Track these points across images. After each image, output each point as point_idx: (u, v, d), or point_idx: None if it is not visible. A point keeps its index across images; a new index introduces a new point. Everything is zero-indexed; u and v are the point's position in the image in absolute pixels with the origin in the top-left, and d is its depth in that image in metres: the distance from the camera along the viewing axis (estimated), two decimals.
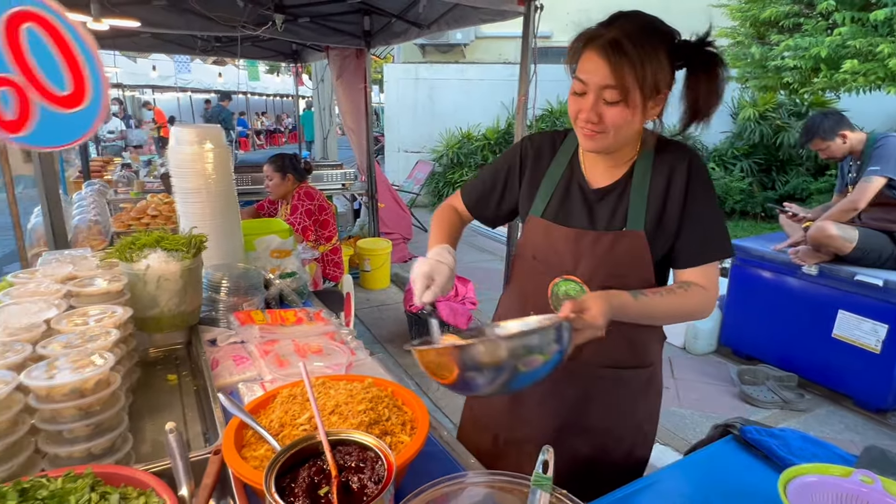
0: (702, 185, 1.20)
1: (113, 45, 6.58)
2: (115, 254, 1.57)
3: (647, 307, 1.14)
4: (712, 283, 1.22)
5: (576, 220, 1.26)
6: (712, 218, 1.21)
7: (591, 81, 1.10)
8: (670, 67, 1.12)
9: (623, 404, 1.36)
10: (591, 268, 1.23)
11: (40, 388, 0.95)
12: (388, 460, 0.79)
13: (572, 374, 1.30)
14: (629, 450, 1.40)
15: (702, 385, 3.66)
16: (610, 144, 1.17)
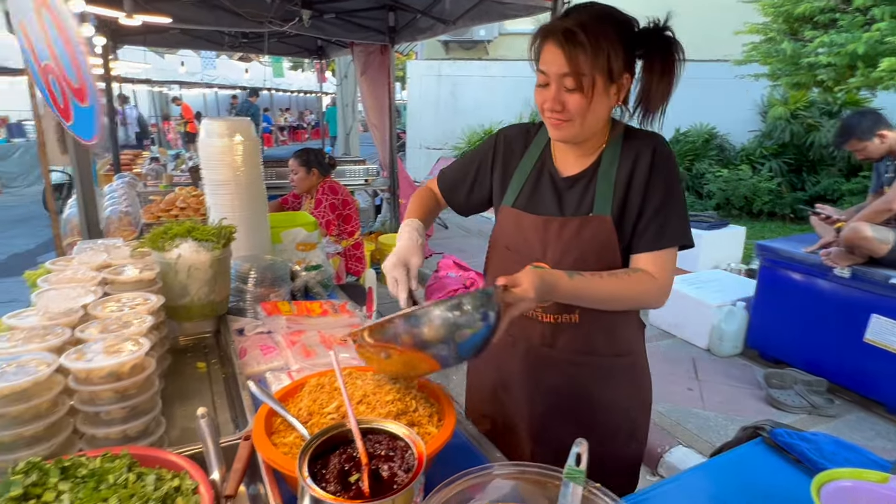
0: (664, 171, 1.22)
1: (143, 42, 6.72)
2: (148, 243, 1.60)
3: (581, 287, 1.15)
4: (663, 272, 1.21)
5: (545, 207, 1.29)
6: (671, 205, 1.21)
7: (551, 71, 1.14)
8: (627, 53, 1.15)
9: (604, 393, 1.35)
10: (558, 254, 1.25)
11: (80, 370, 0.97)
12: (418, 450, 0.80)
13: (549, 362, 1.34)
14: (622, 442, 1.39)
15: (727, 387, 3.60)
16: (577, 133, 1.20)
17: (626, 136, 1.26)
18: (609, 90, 1.16)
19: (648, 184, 1.21)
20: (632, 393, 1.39)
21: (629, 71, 1.17)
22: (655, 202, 1.21)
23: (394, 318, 0.98)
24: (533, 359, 1.36)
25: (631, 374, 1.38)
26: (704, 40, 10.96)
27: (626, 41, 1.15)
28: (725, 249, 5.30)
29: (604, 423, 1.36)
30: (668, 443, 2.94)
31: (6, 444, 0.92)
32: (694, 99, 9.08)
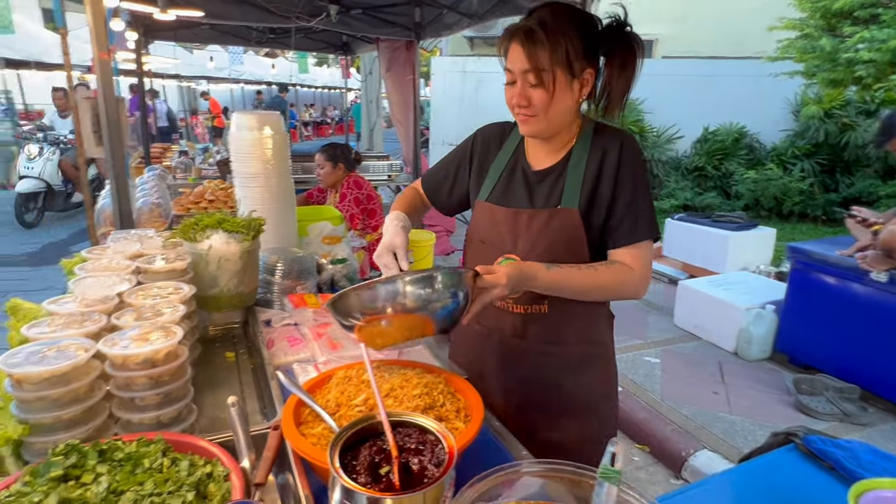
0: (632, 166, 1.26)
1: (174, 37, 6.85)
2: (180, 234, 1.63)
3: (560, 278, 1.19)
4: (640, 264, 1.25)
5: (516, 201, 1.34)
6: (641, 199, 1.26)
7: (515, 68, 1.21)
8: (588, 49, 1.20)
9: (573, 383, 1.39)
10: (528, 245, 1.30)
11: (116, 356, 1.00)
12: (448, 444, 0.79)
13: (520, 352, 1.39)
14: (591, 430, 1.42)
15: (754, 392, 3.52)
16: (544, 127, 1.26)
17: (595, 132, 1.31)
18: (571, 85, 1.21)
19: (617, 179, 1.25)
20: (600, 382, 1.43)
21: (591, 66, 1.23)
22: (626, 197, 1.25)
23: (373, 282, 1.06)
24: (505, 349, 1.41)
25: (598, 364, 1.42)
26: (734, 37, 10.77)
27: (586, 38, 1.20)
28: (754, 251, 5.18)
29: (573, 413, 1.40)
30: (692, 446, 2.89)
31: (46, 426, 0.94)
32: (722, 97, 8.90)
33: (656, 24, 11.52)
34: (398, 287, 1.05)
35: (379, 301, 1.06)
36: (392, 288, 1.05)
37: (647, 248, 1.27)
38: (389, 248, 1.28)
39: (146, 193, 3.11)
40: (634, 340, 4.19)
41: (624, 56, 1.23)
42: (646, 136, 8.82)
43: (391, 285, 1.05)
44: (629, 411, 3.25)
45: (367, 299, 1.07)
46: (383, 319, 1.07)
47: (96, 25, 2.10)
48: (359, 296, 1.08)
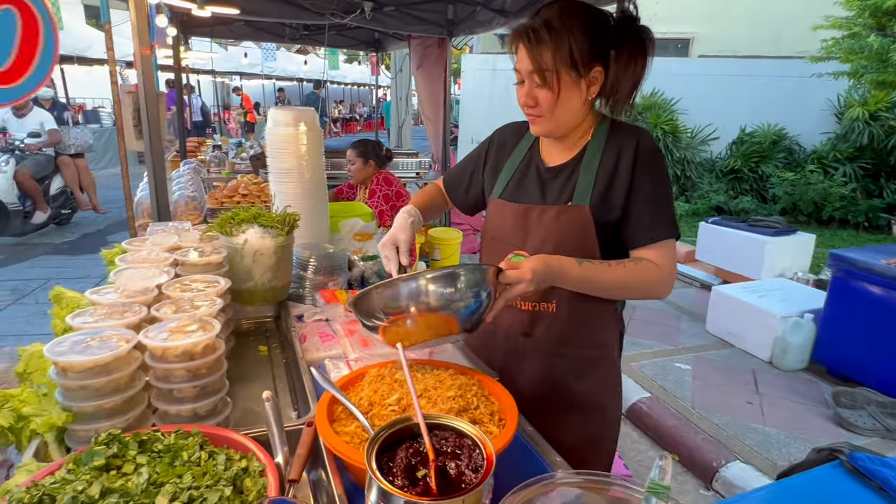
0: (649, 164, 1.23)
1: (210, 33, 6.99)
2: (216, 227, 1.65)
3: (590, 274, 1.18)
4: (666, 262, 1.23)
5: (528, 197, 1.34)
6: (660, 197, 1.24)
7: (522, 69, 1.21)
8: (596, 47, 1.17)
9: (578, 386, 1.38)
10: (538, 241, 1.29)
11: (156, 347, 1.01)
12: (487, 450, 0.78)
13: (527, 351, 1.39)
14: (594, 433, 1.43)
15: (790, 403, 3.40)
16: (552, 127, 1.26)
17: (611, 129, 1.29)
18: (579, 84, 1.20)
19: (633, 178, 1.23)
20: (605, 384, 1.42)
21: (600, 64, 1.20)
22: (643, 196, 1.23)
23: (394, 280, 1.06)
24: (512, 347, 1.42)
25: (604, 367, 1.40)
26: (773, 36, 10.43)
27: (594, 35, 1.17)
28: (792, 257, 5.01)
29: (579, 413, 1.39)
30: (724, 457, 2.81)
31: (88, 414, 0.96)
32: (760, 97, 8.64)
33: (692, 22, 11.25)
34: (420, 285, 1.04)
35: (401, 299, 1.05)
36: (413, 286, 1.04)
37: (671, 247, 1.25)
38: (393, 241, 1.32)
39: (182, 187, 3.17)
40: (665, 346, 4.10)
41: (632, 51, 1.20)
42: (679, 137, 8.63)
43: (412, 283, 1.04)
44: (658, 418, 3.18)
45: (389, 297, 1.07)
46: (406, 319, 1.06)
47: (139, 21, 2.14)
48: (380, 294, 1.08)
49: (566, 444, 1.32)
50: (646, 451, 3.04)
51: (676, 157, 8.46)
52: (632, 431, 3.21)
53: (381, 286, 1.08)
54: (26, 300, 4.89)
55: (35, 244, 6.55)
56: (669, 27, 11.25)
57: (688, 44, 11.60)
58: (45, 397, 1.03)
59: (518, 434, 1.21)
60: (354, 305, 1.12)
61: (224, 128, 15.69)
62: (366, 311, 1.11)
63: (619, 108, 1.27)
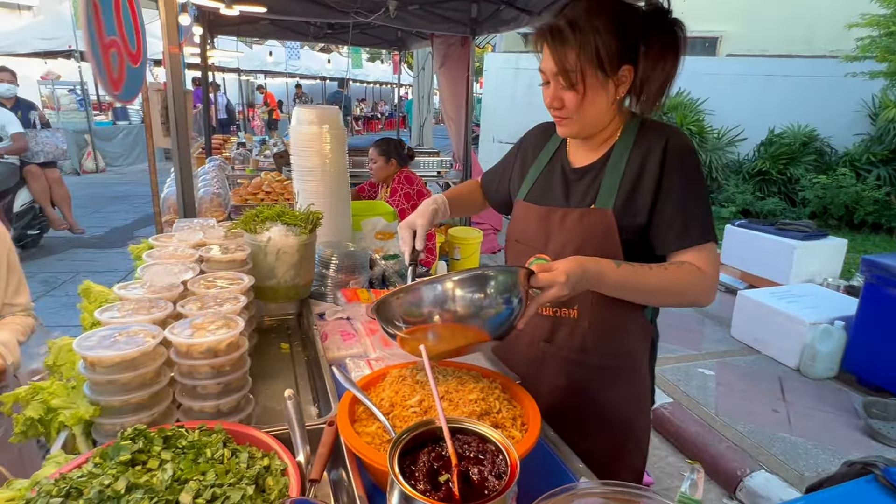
0: (680, 163, 1.17)
1: (236, 32, 7.08)
2: (241, 225, 1.66)
3: (629, 277, 1.10)
4: (710, 266, 1.16)
5: (552, 199, 1.30)
6: (694, 198, 1.17)
7: (547, 70, 1.16)
8: (625, 44, 1.12)
9: (602, 397, 1.33)
10: (559, 245, 1.25)
11: (181, 343, 1.02)
12: (511, 457, 0.76)
13: (548, 359, 1.35)
14: (620, 446, 1.36)
15: (818, 413, 3.31)
16: (579, 129, 1.21)
17: (640, 129, 1.23)
18: (606, 84, 1.14)
19: (661, 179, 1.17)
20: (631, 396, 1.36)
21: (629, 63, 1.14)
22: (674, 198, 1.16)
23: (416, 284, 1.01)
24: (533, 354, 1.38)
25: (630, 377, 1.34)
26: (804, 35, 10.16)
27: (622, 32, 1.11)
28: (822, 262, 4.87)
29: (601, 423, 1.34)
30: (748, 466, 2.74)
31: (115, 408, 0.97)
32: (790, 98, 8.42)
33: (721, 21, 11.02)
34: (445, 289, 0.97)
35: (423, 306, 0.99)
36: (438, 291, 0.98)
37: (711, 251, 1.18)
38: (410, 225, 1.31)
39: (207, 183, 3.22)
40: (688, 351, 4.02)
41: (663, 47, 1.14)
42: (705, 138, 8.47)
43: (436, 288, 0.98)
44: (680, 424, 3.12)
45: (410, 303, 1.01)
46: (428, 329, 1.01)
47: (168, 20, 2.17)
48: (400, 301, 1.02)
49: (591, 454, 1.29)
50: (666, 457, 2.99)
51: (702, 159, 8.28)
52: (653, 437, 3.14)
53: (402, 291, 1.02)
54: (56, 292, 5.02)
55: (66, 238, 6.73)
56: (697, 25, 11.03)
57: (715, 42, 11.37)
58: (73, 390, 1.05)
59: (541, 439, 1.19)
60: (377, 312, 1.08)
61: (248, 125, 15.92)
62: (387, 318, 1.07)
63: (648, 107, 1.21)
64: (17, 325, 1.58)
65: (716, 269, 1.18)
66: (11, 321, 1.57)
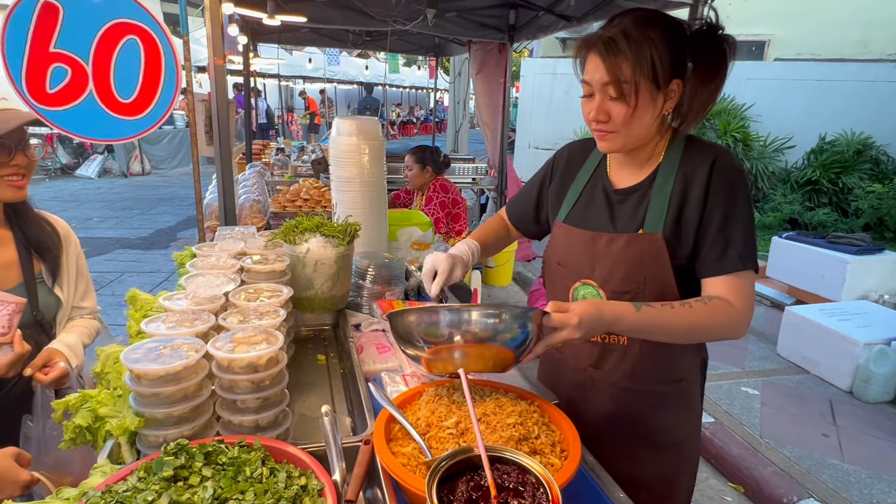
0: (725, 186, 1.13)
1: (277, 40, 7.25)
2: (280, 235, 1.69)
3: (651, 319, 1.07)
4: (741, 298, 1.12)
5: (597, 222, 1.26)
6: (737, 223, 1.13)
7: (594, 81, 1.12)
8: (675, 58, 1.10)
9: (654, 424, 1.30)
10: (606, 271, 1.22)
11: (222, 358, 1.03)
12: (553, 492, 0.74)
13: (596, 385, 1.32)
14: (672, 471, 1.33)
15: (872, 439, 3.12)
16: (623, 143, 1.17)
17: (686, 148, 1.20)
18: (656, 98, 1.12)
19: (706, 202, 1.14)
20: (682, 420, 1.32)
21: (680, 77, 1.12)
22: (718, 223, 1.13)
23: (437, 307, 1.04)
24: (580, 380, 1.35)
25: (682, 401, 1.31)
26: (858, 38, 9.70)
27: (674, 46, 1.09)
28: (877, 278, 4.61)
29: (652, 449, 1.31)
30: (795, 493, 2.61)
31: (159, 420, 0.99)
32: (843, 104, 8.06)
33: (769, 24, 10.63)
34: (458, 318, 1.01)
35: (439, 328, 1.02)
36: (451, 318, 1.01)
37: (749, 280, 1.13)
38: (431, 270, 1.30)
39: (248, 190, 3.30)
40: (731, 368, 3.87)
41: (713, 64, 1.12)
42: (750, 145, 8.17)
43: (450, 316, 1.01)
44: (722, 445, 3.00)
45: (418, 324, 1.05)
46: (436, 352, 1.04)
47: (214, 33, 2.23)
48: (405, 320, 1.06)
49: (640, 481, 1.25)
50: (707, 479, 2.88)
51: (747, 167, 8.01)
52: None
53: (411, 312, 1.06)
54: (103, 292, 5.23)
55: (112, 238, 7.01)
56: (743, 29, 10.68)
57: (763, 46, 10.98)
58: (119, 399, 1.07)
59: (580, 466, 1.16)
60: (393, 332, 1.12)
61: (287, 129, 16.29)
62: (402, 335, 1.10)
63: (690, 124, 1.18)
64: (84, 327, 1.64)
65: (750, 301, 1.14)
66: (79, 324, 1.64)
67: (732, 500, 2.72)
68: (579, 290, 1.28)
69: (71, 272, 1.61)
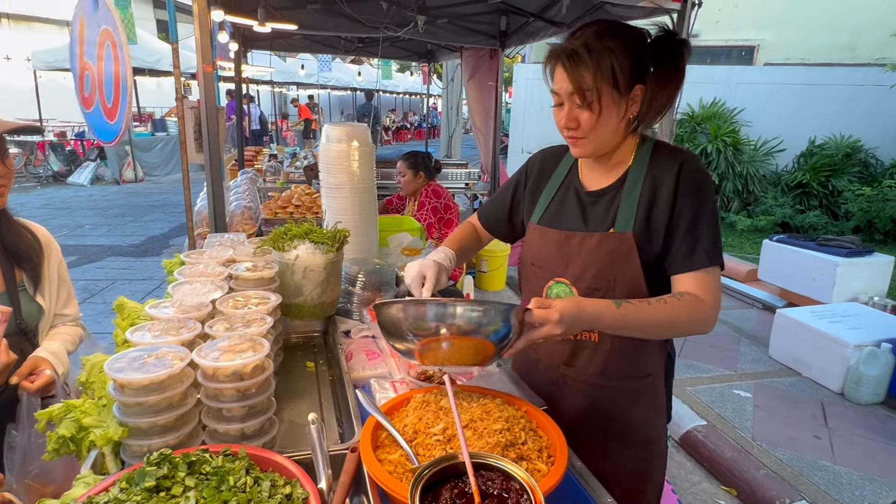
0: (692, 188, 1.19)
1: (270, 46, 7.26)
2: (269, 242, 1.68)
3: (630, 315, 1.11)
4: (709, 293, 1.17)
5: (569, 223, 1.31)
6: (703, 222, 1.19)
7: (561, 90, 1.18)
8: (634, 65, 1.16)
9: (623, 418, 1.34)
10: (579, 269, 1.27)
11: (208, 366, 1.02)
12: (535, 497, 0.74)
13: (569, 382, 1.36)
14: (646, 466, 1.37)
15: (864, 441, 3.14)
16: (594, 148, 1.23)
17: (654, 151, 1.25)
18: (619, 104, 1.18)
19: (674, 203, 1.19)
20: (652, 414, 1.37)
21: (642, 82, 1.18)
22: (685, 222, 1.19)
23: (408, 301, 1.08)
24: (553, 378, 1.39)
25: (650, 397, 1.36)
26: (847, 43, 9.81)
27: (633, 54, 1.16)
28: (867, 280, 4.65)
29: (626, 445, 1.35)
30: (788, 496, 2.62)
31: (143, 430, 0.98)
32: (832, 108, 8.14)
33: (758, 29, 10.74)
34: (443, 311, 1.03)
35: (424, 321, 1.05)
36: (437, 311, 1.03)
37: (715, 276, 1.19)
38: (419, 275, 1.31)
39: (239, 197, 3.29)
40: (723, 371, 3.88)
41: (672, 68, 1.19)
42: (741, 149, 8.24)
43: (434, 308, 1.04)
44: (715, 448, 3.00)
45: (406, 318, 1.06)
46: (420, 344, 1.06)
47: (202, 40, 2.23)
48: (387, 311, 1.08)
49: (613, 476, 1.26)
50: (700, 482, 2.88)
51: (738, 171, 8.07)
52: (686, 461, 3.05)
53: (398, 303, 1.08)
54: (94, 299, 5.19)
55: (104, 246, 6.97)
56: (733, 34, 10.80)
57: (752, 51, 11.09)
58: (104, 408, 1.06)
59: (567, 471, 1.16)
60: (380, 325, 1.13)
61: (280, 136, 16.30)
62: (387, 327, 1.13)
63: (648, 122, 1.25)
64: (67, 335, 1.63)
65: (717, 296, 1.19)
66: (62, 331, 1.63)
67: (725, 503, 2.73)
68: (553, 288, 1.32)
69: (53, 280, 1.60)
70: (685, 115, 8.78)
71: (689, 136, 8.32)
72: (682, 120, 8.70)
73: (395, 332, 1.09)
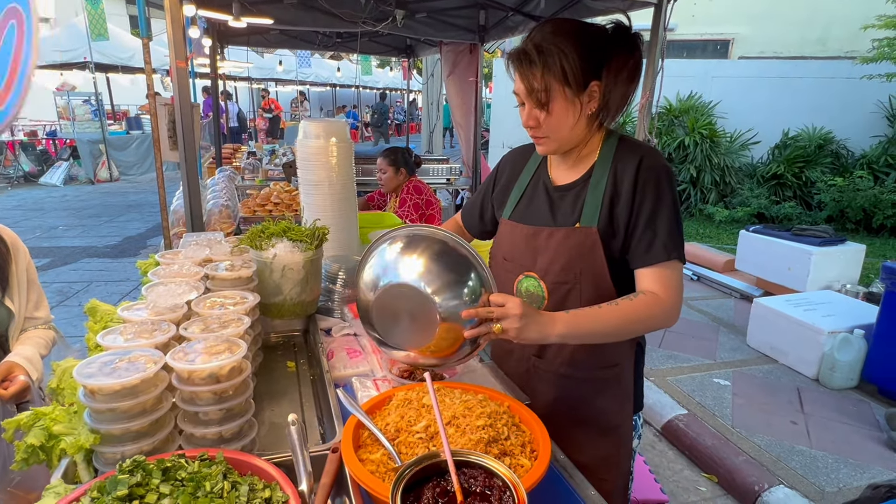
0: (652, 183, 1.21)
1: (246, 42, 7.13)
2: (247, 241, 1.65)
3: (578, 321, 1.13)
4: (668, 287, 1.19)
5: (538, 218, 1.33)
6: (661, 217, 1.20)
7: (519, 92, 1.22)
8: (587, 62, 1.16)
9: (592, 407, 1.37)
10: (547, 262, 1.29)
11: (182, 370, 1.00)
12: (519, 495, 0.73)
13: (540, 373, 1.40)
14: (613, 454, 1.40)
15: (838, 425, 3.22)
16: (558, 146, 1.26)
17: (618, 147, 1.27)
18: (574, 101, 1.19)
19: (634, 199, 1.21)
20: (619, 403, 1.39)
21: (597, 78, 1.19)
22: (644, 216, 1.20)
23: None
24: (524, 369, 1.43)
25: (616, 386, 1.38)
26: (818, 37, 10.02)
27: (587, 51, 1.16)
28: (840, 269, 4.76)
29: (594, 434, 1.38)
30: (766, 480, 2.67)
31: (116, 436, 0.96)
32: (805, 100, 8.30)
33: (733, 23, 10.91)
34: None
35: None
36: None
37: (674, 270, 1.20)
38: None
39: (216, 196, 3.23)
40: (703, 360, 3.94)
41: (623, 61, 1.19)
42: (717, 142, 8.36)
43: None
44: (695, 436, 3.05)
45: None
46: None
47: (175, 35, 2.18)
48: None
49: (582, 464, 1.28)
50: (682, 470, 2.92)
51: (715, 163, 8.19)
52: (667, 450, 3.09)
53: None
54: (69, 302, 5.07)
55: (79, 247, 6.80)
56: (709, 28, 10.94)
57: (727, 45, 11.25)
58: (75, 415, 1.03)
59: (551, 465, 1.16)
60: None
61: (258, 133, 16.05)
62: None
63: (611, 118, 1.26)
64: (40, 338, 1.58)
65: (678, 290, 1.20)
66: (34, 335, 1.58)
67: (706, 489, 2.77)
68: (523, 282, 1.35)
69: (21, 283, 1.55)
70: (663, 109, 8.87)
71: (667, 130, 8.42)
72: (661, 113, 8.80)
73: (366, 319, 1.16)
